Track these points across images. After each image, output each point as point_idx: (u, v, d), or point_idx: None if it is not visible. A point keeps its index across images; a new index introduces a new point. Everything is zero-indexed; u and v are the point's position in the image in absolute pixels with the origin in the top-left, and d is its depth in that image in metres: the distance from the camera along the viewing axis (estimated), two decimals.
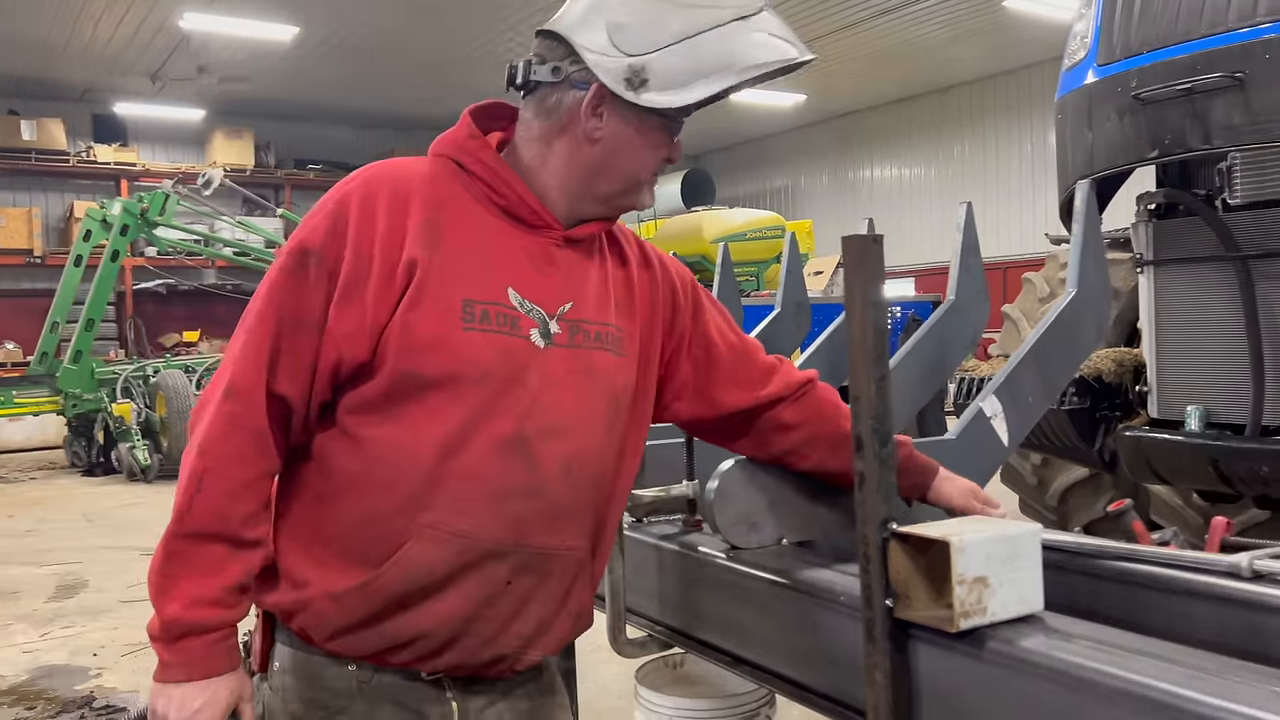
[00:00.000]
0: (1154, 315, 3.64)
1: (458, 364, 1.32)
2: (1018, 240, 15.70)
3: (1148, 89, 3.21)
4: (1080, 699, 0.94)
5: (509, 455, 1.34)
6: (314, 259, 1.32)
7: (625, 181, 1.43)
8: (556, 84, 1.39)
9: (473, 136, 1.43)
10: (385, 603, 1.33)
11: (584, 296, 1.43)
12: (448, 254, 1.35)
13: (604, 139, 1.39)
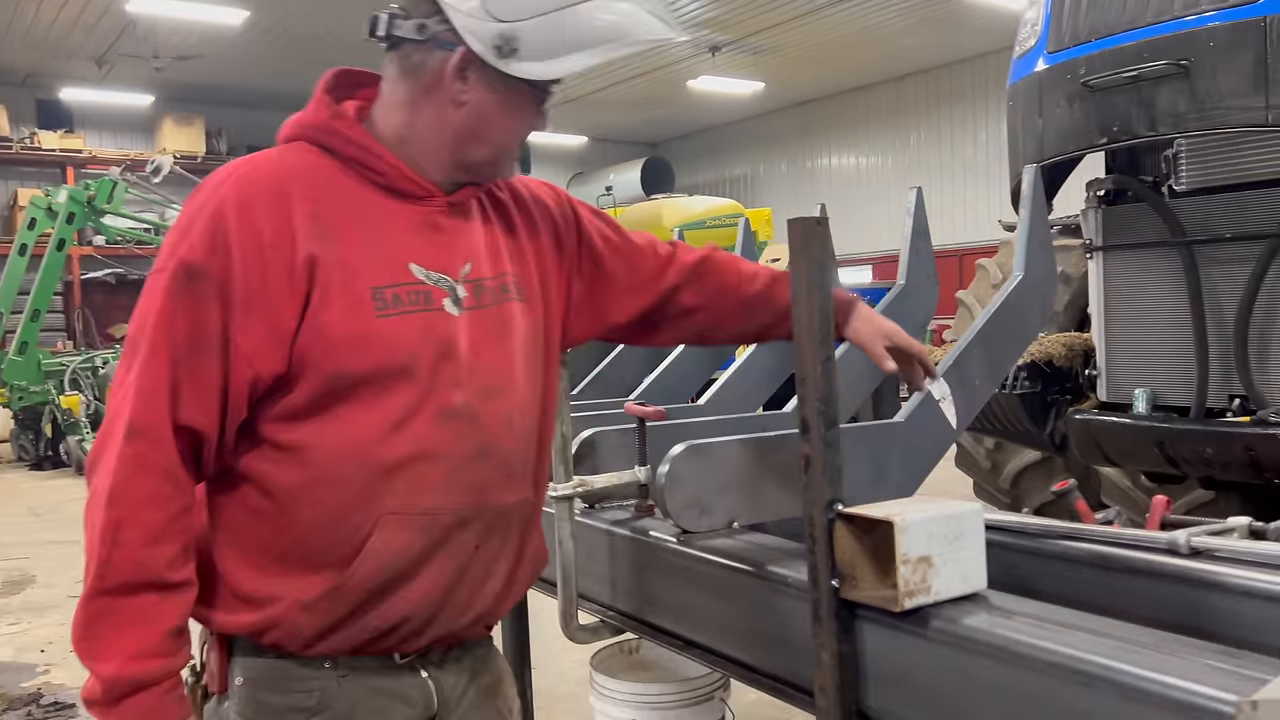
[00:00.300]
0: (1103, 300, 3.70)
1: (384, 353, 1.30)
2: (973, 227, 15.88)
3: (1096, 76, 3.25)
4: (1019, 674, 0.95)
5: (455, 425, 1.34)
6: (200, 277, 1.24)
7: (493, 150, 1.40)
8: (421, 42, 1.33)
9: (336, 116, 1.37)
10: (362, 597, 1.32)
11: (478, 254, 1.42)
12: (342, 244, 1.31)
13: (470, 104, 1.35)
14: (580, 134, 20.95)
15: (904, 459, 1.64)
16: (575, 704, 3.87)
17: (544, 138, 20.45)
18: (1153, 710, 0.85)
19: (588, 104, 18.70)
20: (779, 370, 2.27)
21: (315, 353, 1.27)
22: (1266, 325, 3.18)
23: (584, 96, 18.17)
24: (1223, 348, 3.28)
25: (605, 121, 20.41)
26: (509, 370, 1.41)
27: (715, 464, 1.50)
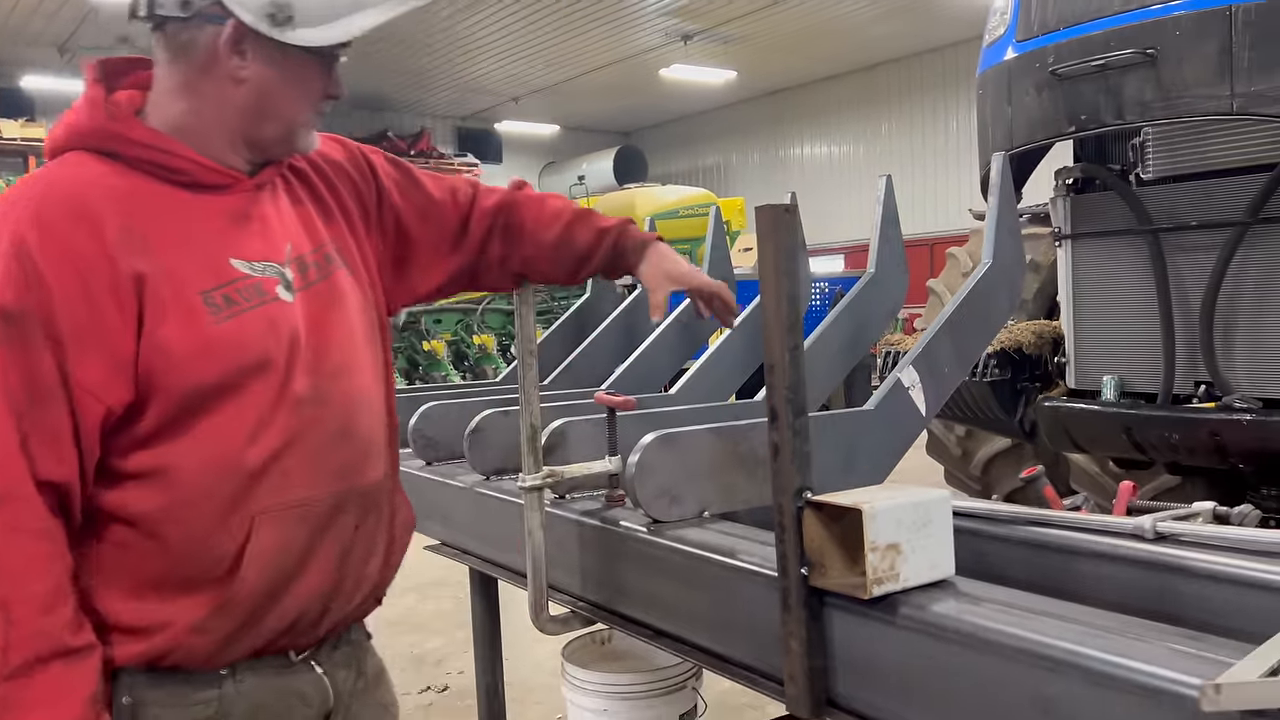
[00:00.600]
0: (1071, 288, 3.73)
1: (231, 359, 1.25)
2: (944, 216, 15.98)
3: (1064, 65, 3.27)
4: (987, 660, 0.95)
5: (311, 411, 1.31)
6: (19, 320, 1.15)
7: (285, 125, 1.33)
8: (187, 19, 1.25)
9: (113, 119, 1.27)
10: (255, 603, 1.29)
11: (295, 232, 1.38)
12: (161, 254, 1.23)
13: (250, 80, 1.28)
14: (552, 123, 20.87)
15: (873, 447, 1.65)
16: (548, 694, 3.87)
17: (515, 127, 20.35)
18: (1118, 695, 0.85)
19: (559, 93, 18.62)
20: (750, 359, 2.27)
21: (160, 373, 1.21)
22: (1231, 312, 3.21)
23: (555, 85, 18.08)
24: (1189, 334, 3.32)
25: (577, 110, 20.33)
26: (351, 344, 1.38)
27: (685, 453, 1.49)
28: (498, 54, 16.09)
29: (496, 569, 1.94)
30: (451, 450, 2.11)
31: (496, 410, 1.94)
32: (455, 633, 4.68)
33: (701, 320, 1.52)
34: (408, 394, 2.36)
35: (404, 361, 12.16)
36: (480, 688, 2.33)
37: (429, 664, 4.36)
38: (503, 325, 12.97)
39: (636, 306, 2.68)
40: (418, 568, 6.32)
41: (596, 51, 16.12)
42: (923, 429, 1.74)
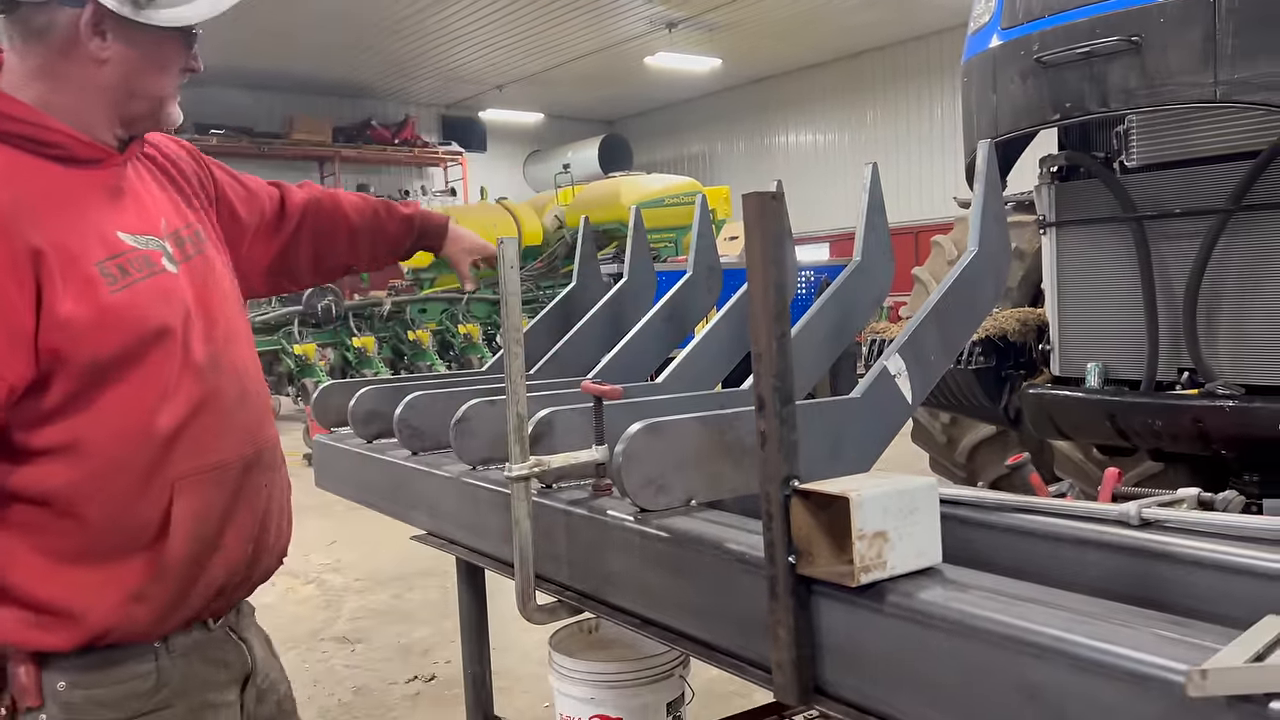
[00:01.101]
0: (1055, 275, 3.74)
1: (132, 328, 1.27)
2: (929, 204, 16.02)
3: (1049, 52, 3.27)
4: (974, 646, 0.95)
5: (213, 376, 1.37)
6: None
7: (151, 101, 1.36)
8: (42, 4, 1.25)
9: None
10: (186, 567, 1.33)
11: (166, 210, 1.42)
12: (51, 228, 1.24)
13: (113, 60, 1.29)
14: (536, 111, 20.78)
15: (860, 435, 1.65)
16: (535, 684, 3.88)
17: (500, 115, 20.28)
18: (1104, 680, 0.85)
19: (544, 81, 18.55)
20: (737, 347, 2.27)
21: (63, 347, 1.22)
22: (1215, 299, 3.23)
23: (540, 74, 18.01)
24: (1172, 322, 3.34)
25: (562, 99, 20.26)
26: (231, 314, 1.46)
27: (672, 442, 1.49)
28: (481, 42, 16.01)
29: (483, 559, 1.93)
30: (437, 440, 2.10)
31: (483, 400, 1.93)
32: (442, 622, 4.68)
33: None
34: (393, 384, 2.35)
35: (389, 351, 12.13)
36: (467, 677, 2.33)
37: (416, 654, 4.35)
38: (488, 314, 12.94)
39: (623, 296, 2.68)
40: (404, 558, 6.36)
41: (580, 39, 16.06)
42: (909, 417, 1.74)
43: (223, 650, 1.45)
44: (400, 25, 14.79)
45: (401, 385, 2.33)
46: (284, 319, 10.99)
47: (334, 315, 11.43)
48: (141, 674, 1.33)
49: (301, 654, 4.40)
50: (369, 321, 12.01)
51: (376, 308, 12.12)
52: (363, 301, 12.24)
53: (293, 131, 17.93)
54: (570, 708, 2.17)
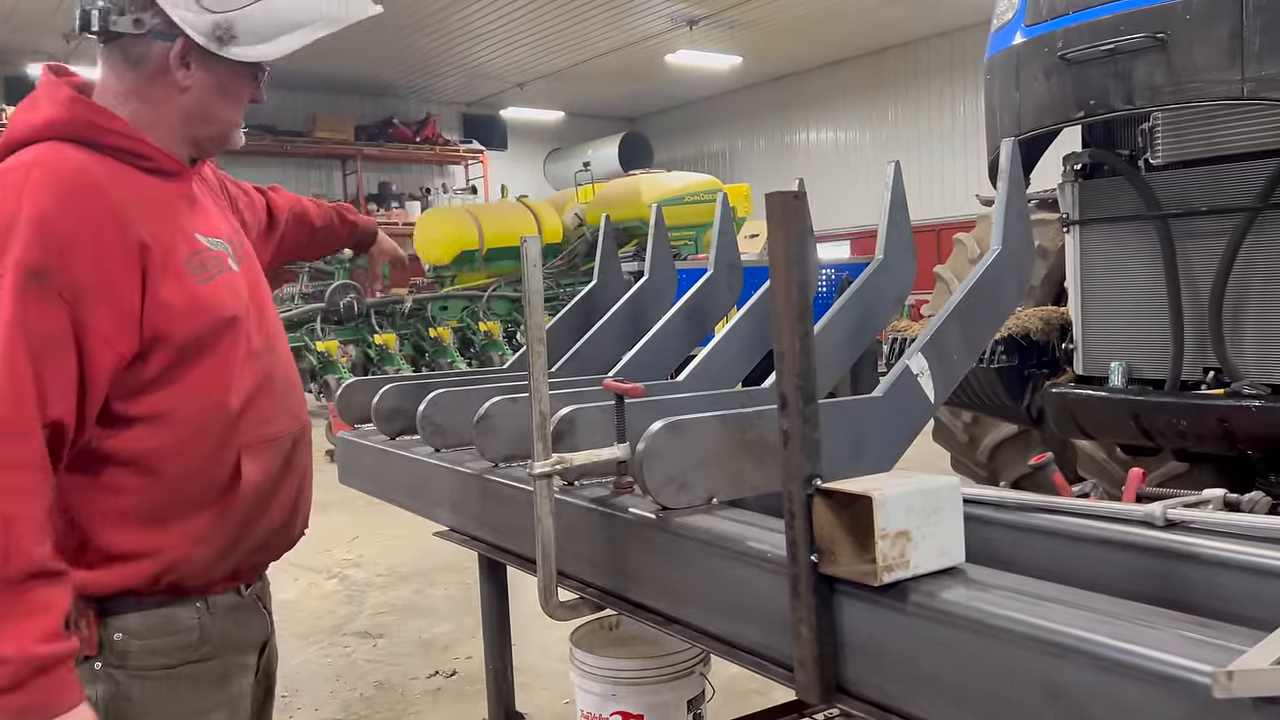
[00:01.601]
0: (1079, 274, 3.72)
1: (214, 315, 1.49)
2: (950, 201, 15.92)
3: (1073, 49, 3.25)
4: (997, 646, 0.95)
5: (268, 361, 1.60)
6: (44, 277, 1.32)
7: (221, 127, 1.57)
8: (139, 36, 1.45)
9: (97, 113, 1.47)
10: (243, 518, 1.54)
11: (220, 217, 1.66)
12: (149, 224, 1.44)
13: (193, 88, 1.50)
14: (557, 109, 20.81)
15: (882, 434, 1.64)
16: (555, 680, 3.89)
17: (521, 113, 20.31)
18: (1129, 681, 0.85)
19: (565, 79, 18.56)
20: (758, 346, 2.27)
21: (162, 327, 1.43)
22: (1241, 298, 3.20)
23: (561, 71, 18.03)
24: (1197, 321, 3.31)
25: (582, 96, 20.28)
26: (274, 312, 1.69)
27: (694, 440, 1.49)
28: (503, 40, 16.04)
29: (505, 555, 1.94)
30: (460, 437, 2.11)
31: (505, 397, 1.94)
32: (463, 618, 4.70)
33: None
34: (416, 381, 2.36)
35: (410, 348, 12.18)
36: (489, 672, 2.34)
37: (437, 649, 4.38)
38: (508, 312, 12.97)
39: (644, 294, 2.68)
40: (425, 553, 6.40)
41: (601, 37, 16.06)
42: (931, 416, 1.73)
43: (250, 616, 1.63)
44: (423, 23, 14.84)
45: (424, 382, 2.35)
46: (307, 316, 11.06)
47: (356, 313, 11.48)
48: (188, 628, 1.51)
49: (324, 648, 4.44)
50: (391, 319, 12.07)
51: (398, 305, 12.18)
52: (385, 299, 12.30)
53: (315, 130, 18.03)
54: (591, 704, 2.18)
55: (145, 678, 1.48)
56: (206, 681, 1.54)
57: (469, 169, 20.65)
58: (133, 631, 1.47)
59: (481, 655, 2.42)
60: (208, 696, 1.54)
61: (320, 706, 3.82)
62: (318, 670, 4.18)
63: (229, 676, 1.58)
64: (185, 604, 1.52)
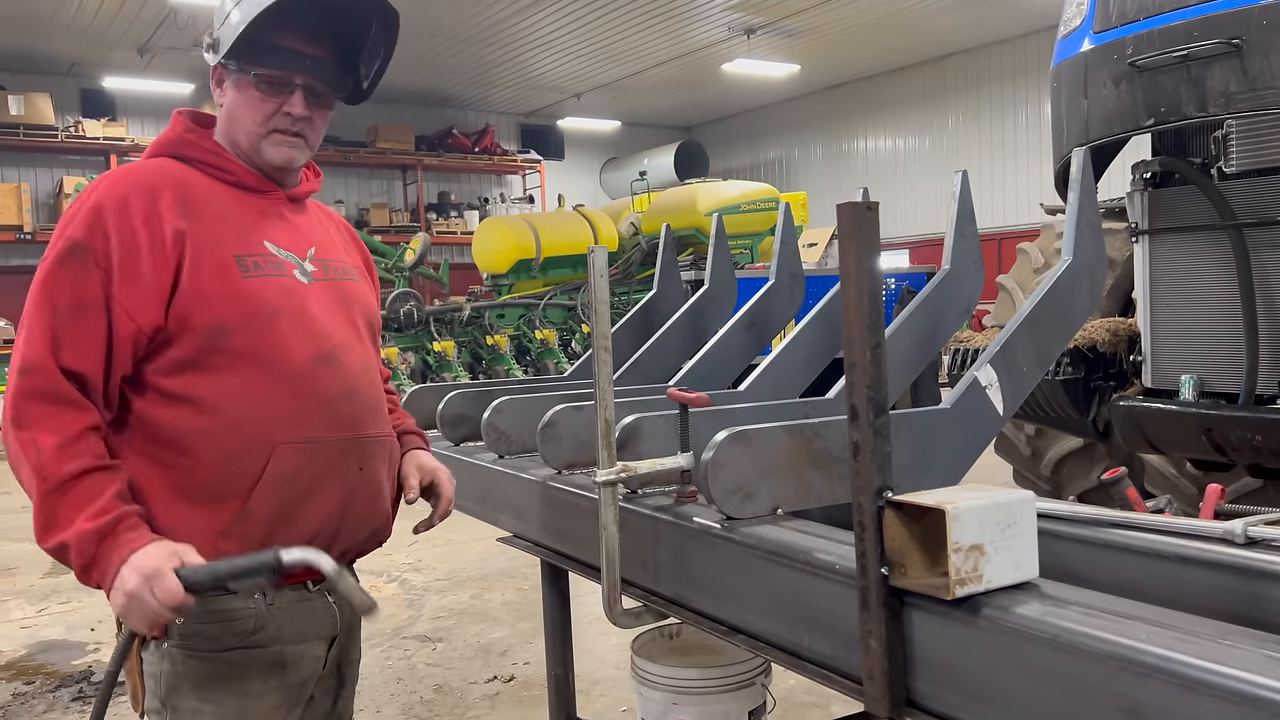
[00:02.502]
0: (1149, 285, 3.64)
1: (252, 306, 1.59)
2: (1013, 211, 15.68)
3: (1144, 56, 3.19)
4: (1075, 663, 0.94)
5: (323, 370, 1.65)
6: (83, 250, 1.52)
7: (246, 137, 1.69)
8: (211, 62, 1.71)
9: (189, 131, 1.70)
10: (270, 520, 1.58)
11: (321, 242, 1.77)
12: (206, 223, 1.60)
13: (225, 103, 1.70)
14: (613, 119, 20.91)
15: (949, 447, 1.63)
16: (612, 687, 3.90)
17: (577, 123, 20.46)
18: (1212, 702, 0.83)
19: (621, 89, 18.66)
20: (820, 356, 2.26)
21: (194, 310, 1.55)
22: None
23: (618, 81, 18.13)
24: (1273, 333, 3.22)
25: (639, 106, 20.36)
26: (353, 332, 1.75)
27: (759, 451, 1.49)
28: (561, 51, 16.17)
29: (568, 562, 1.96)
30: (523, 444, 2.13)
31: (568, 405, 1.96)
32: (519, 624, 4.74)
33: None
34: (480, 388, 2.39)
35: (467, 355, 12.33)
36: (551, 678, 2.35)
37: (495, 654, 4.42)
38: (564, 320, 13.06)
39: (704, 303, 2.68)
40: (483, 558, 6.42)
41: (659, 47, 16.11)
42: (1000, 429, 1.71)
43: (315, 609, 1.68)
44: (483, 35, 15.02)
45: (488, 390, 2.38)
46: None
47: (415, 320, 11.66)
48: (242, 616, 1.59)
49: (385, 651, 4.50)
50: (449, 326, 12.22)
51: (456, 313, 12.33)
52: (443, 307, 12.46)
53: (377, 140, 18.34)
54: (652, 712, 2.19)
55: (199, 658, 1.57)
56: (256, 668, 1.60)
57: (526, 178, 20.83)
58: (191, 614, 1.51)
59: (539, 661, 2.44)
60: (259, 681, 1.61)
61: (381, 708, 3.88)
62: (378, 672, 4.24)
63: (288, 665, 1.64)
64: (243, 596, 1.59)
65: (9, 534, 7.18)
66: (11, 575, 6.10)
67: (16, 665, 4.50)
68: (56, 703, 4.04)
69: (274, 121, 1.68)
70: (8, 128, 15.04)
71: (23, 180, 15.71)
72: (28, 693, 4.16)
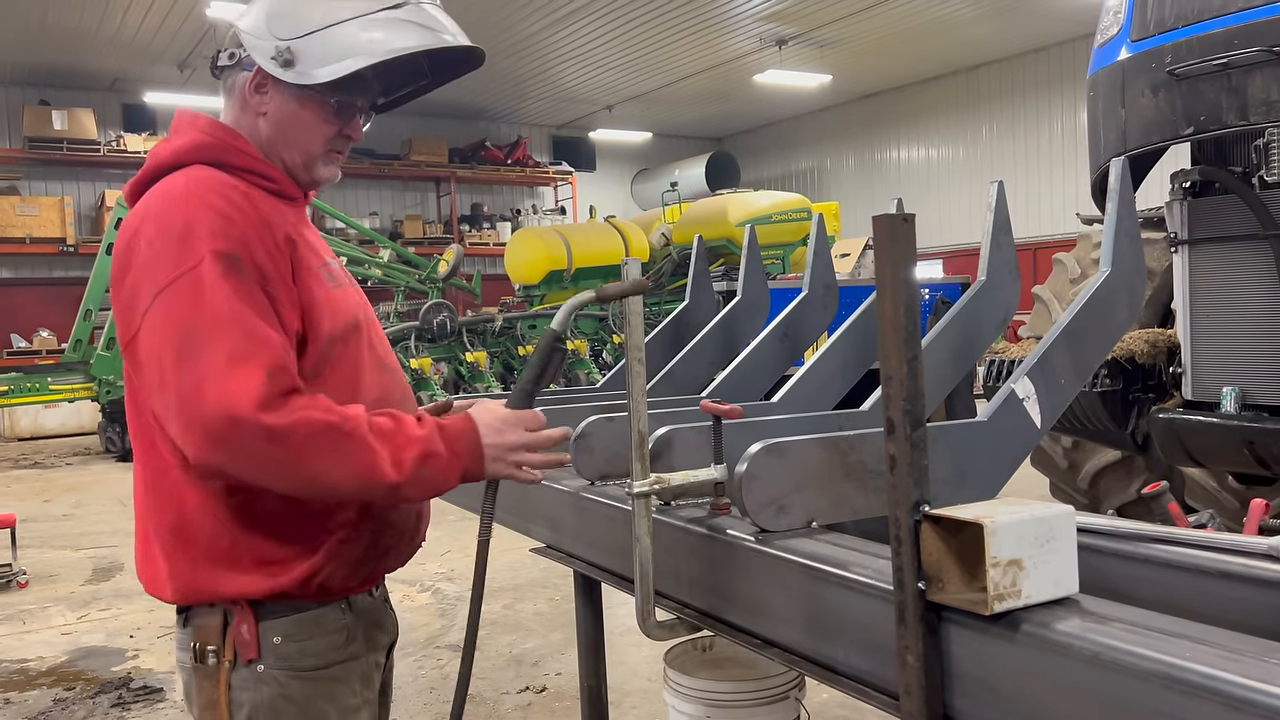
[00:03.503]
0: (1188, 295, 3.59)
1: (346, 317, 1.58)
2: (1048, 221, 15.52)
3: (1183, 64, 3.15)
4: (1116, 681, 0.93)
5: (388, 374, 1.66)
6: (236, 259, 1.42)
7: (301, 154, 1.61)
8: (231, 67, 1.59)
9: (234, 136, 1.59)
10: (377, 521, 1.60)
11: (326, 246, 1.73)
12: (288, 230, 1.54)
13: (270, 114, 1.58)
14: (645, 130, 20.96)
15: (986, 460, 1.61)
16: (643, 699, 3.89)
17: (609, 134, 20.53)
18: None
19: (653, 100, 18.71)
20: (854, 368, 2.25)
21: (317, 318, 1.52)
22: None
23: (649, 93, 18.18)
24: None
25: (670, 117, 20.40)
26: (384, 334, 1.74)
27: (793, 463, 1.48)
28: (593, 63, 16.25)
29: (602, 573, 1.96)
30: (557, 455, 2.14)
31: (601, 417, 1.96)
32: (551, 634, 4.74)
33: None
34: None
35: (499, 365, 12.39)
36: (584, 690, 2.35)
37: (527, 664, 4.42)
38: (594, 330, 13.08)
39: (736, 314, 2.68)
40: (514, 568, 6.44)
41: (691, 59, 16.15)
42: (1037, 442, 1.69)
43: (383, 616, 1.69)
44: (516, 48, 15.13)
45: None
46: (401, 334, 11.34)
47: (449, 331, 11.74)
48: (338, 628, 1.57)
49: (418, 660, 4.52)
50: (481, 337, 12.30)
51: (489, 324, 12.41)
52: (476, 318, 12.54)
53: (411, 153, 18.52)
54: None
55: (303, 678, 1.53)
56: (352, 681, 1.59)
57: (558, 190, 20.93)
58: (289, 634, 1.51)
59: (571, 671, 2.44)
60: (357, 694, 1.60)
61: (415, 717, 3.89)
62: (411, 681, 4.26)
63: (369, 676, 1.63)
64: (332, 605, 1.57)
65: (51, 541, 7.30)
66: (52, 583, 6.19)
67: (57, 671, 4.57)
68: (96, 709, 4.09)
69: (333, 143, 1.63)
70: (52, 142, 15.36)
71: (66, 194, 16.02)
72: (68, 698, 4.22)
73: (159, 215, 1.45)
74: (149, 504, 1.56)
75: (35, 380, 11.46)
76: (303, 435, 1.36)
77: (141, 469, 1.56)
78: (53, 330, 14.74)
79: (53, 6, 12.64)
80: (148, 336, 1.40)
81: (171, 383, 1.36)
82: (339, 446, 1.38)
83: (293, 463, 1.36)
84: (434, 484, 1.46)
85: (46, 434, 13.85)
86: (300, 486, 1.40)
